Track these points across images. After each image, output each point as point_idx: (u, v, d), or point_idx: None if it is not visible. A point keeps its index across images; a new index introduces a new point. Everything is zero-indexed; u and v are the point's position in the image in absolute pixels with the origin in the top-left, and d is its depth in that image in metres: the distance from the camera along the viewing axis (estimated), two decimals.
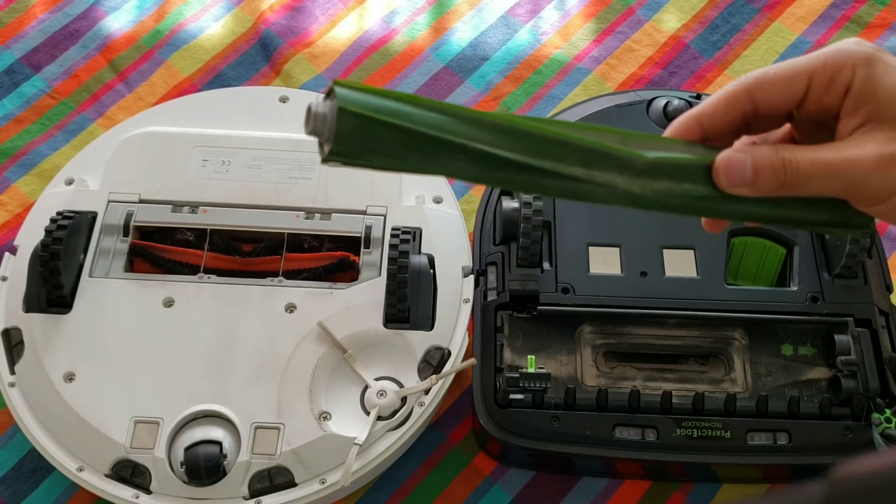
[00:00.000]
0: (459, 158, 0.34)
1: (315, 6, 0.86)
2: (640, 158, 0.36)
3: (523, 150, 0.35)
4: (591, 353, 0.61)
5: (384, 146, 0.33)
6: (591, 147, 0.35)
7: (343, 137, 0.33)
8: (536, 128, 0.35)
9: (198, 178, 0.66)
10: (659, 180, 0.36)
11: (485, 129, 0.34)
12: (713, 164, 0.37)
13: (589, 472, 0.63)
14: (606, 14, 0.85)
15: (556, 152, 0.35)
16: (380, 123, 0.33)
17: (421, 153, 0.34)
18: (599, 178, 0.36)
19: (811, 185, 0.36)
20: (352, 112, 0.32)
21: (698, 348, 0.61)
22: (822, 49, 0.37)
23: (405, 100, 0.34)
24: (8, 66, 0.82)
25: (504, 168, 0.35)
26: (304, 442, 0.57)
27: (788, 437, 0.58)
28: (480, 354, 0.60)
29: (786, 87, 0.37)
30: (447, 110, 0.34)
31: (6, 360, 0.61)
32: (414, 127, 0.33)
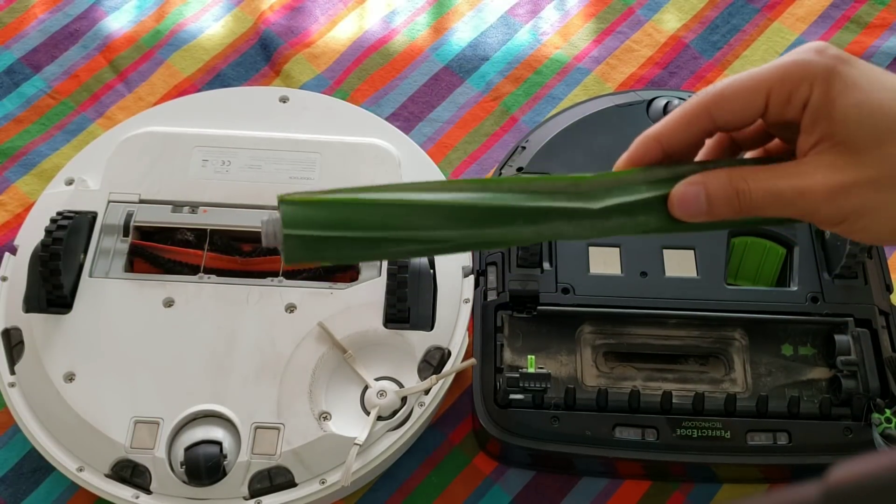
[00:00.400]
0: (409, 245, 0.36)
1: (315, 6, 0.86)
2: (589, 211, 0.37)
3: (470, 225, 0.36)
4: (591, 353, 0.61)
5: (333, 253, 0.36)
6: (540, 209, 0.36)
7: (291, 255, 0.36)
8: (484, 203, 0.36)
9: (198, 178, 0.66)
10: (611, 219, 0.37)
11: (433, 216, 0.36)
12: (668, 197, 0.37)
13: (589, 472, 0.63)
14: (606, 14, 0.85)
15: (505, 219, 0.36)
16: (324, 239, 0.36)
17: (371, 249, 0.36)
18: (548, 233, 0.37)
19: (766, 212, 0.36)
20: (296, 236, 0.35)
21: (698, 348, 0.61)
22: (782, 59, 0.36)
23: (351, 203, 0.36)
24: (8, 66, 0.82)
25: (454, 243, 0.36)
26: (304, 442, 0.57)
27: (788, 437, 0.58)
28: (480, 354, 0.60)
29: (743, 104, 0.36)
30: (394, 203, 0.36)
31: (6, 360, 0.61)
32: (359, 235, 0.36)
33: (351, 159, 0.67)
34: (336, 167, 0.67)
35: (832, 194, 0.35)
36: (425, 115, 0.79)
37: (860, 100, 0.35)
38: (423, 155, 0.70)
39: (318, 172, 0.67)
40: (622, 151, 0.67)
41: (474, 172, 0.76)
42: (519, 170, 0.67)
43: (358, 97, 0.80)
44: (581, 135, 0.69)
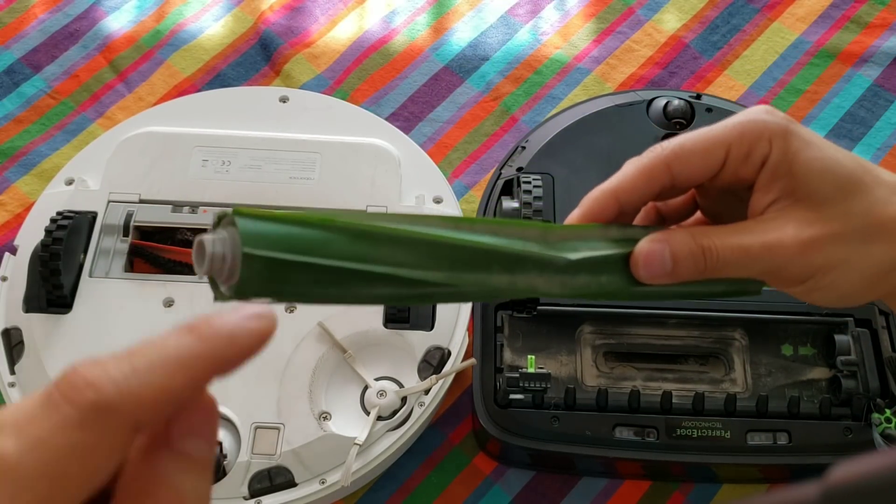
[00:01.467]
0: (379, 285, 0.31)
1: (315, 6, 0.86)
2: (561, 259, 0.35)
3: (449, 267, 0.33)
4: (591, 353, 0.61)
5: (294, 286, 0.29)
6: (515, 253, 0.34)
7: (247, 283, 0.28)
8: (460, 241, 0.33)
9: (198, 178, 0.66)
10: (579, 276, 0.35)
11: (407, 250, 0.32)
12: (631, 256, 0.36)
13: (589, 472, 0.63)
14: (606, 14, 0.85)
15: (481, 263, 0.33)
16: (291, 264, 0.29)
17: (337, 285, 0.30)
18: (522, 284, 0.34)
19: (731, 271, 0.35)
20: (258, 257, 0.28)
21: (698, 348, 0.61)
22: (736, 118, 0.36)
23: (317, 225, 0.30)
24: (8, 66, 0.82)
25: (425, 287, 0.32)
26: (304, 442, 0.57)
27: (788, 437, 0.58)
28: (480, 354, 0.60)
29: (703, 159, 0.36)
30: (366, 231, 0.31)
31: (6, 360, 0.61)
32: (329, 263, 0.30)
33: (351, 159, 0.67)
34: (336, 167, 0.67)
35: (804, 248, 0.34)
36: (425, 115, 0.79)
37: (819, 156, 0.35)
38: (423, 155, 0.70)
39: (318, 172, 0.67)
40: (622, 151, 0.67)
41: (474, 172, 0.76)
42: (519, 169, 0.67)
43: (358, 97, 0.80)
44: (581, 135, 0.69)
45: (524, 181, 0.64)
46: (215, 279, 0.29)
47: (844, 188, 0.35)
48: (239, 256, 0.28)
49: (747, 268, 0.35)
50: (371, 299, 0.32)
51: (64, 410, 0.20)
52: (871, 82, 0.81)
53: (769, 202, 0.35)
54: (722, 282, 0.37)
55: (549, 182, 0.66)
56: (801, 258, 0.34)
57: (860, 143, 0.78)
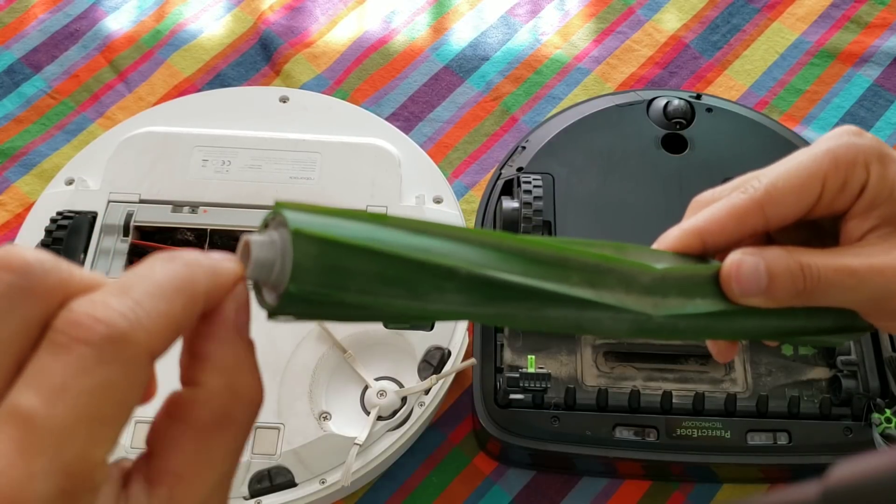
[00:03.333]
0: (450, 288, 0.26)
1: (315, 6, 0.86)
2: (647, 271, 0.31)
3: (522, 272, 0.28)
4: (591, 352, 0.61)
5: (358, 280, 0.25)
6: (594, 262, 0.30)
7: (303, 272, 0.24)
8: (529, 243, 0.29)
9: (198, 178, 0.66)
10: (669, 297, 0.31)
11: (473, 247, 0.27)
12: (721, 272, 0.32)
13: (589, 472, 0.63)
14: (606, 14, 0.85)
15: (558, 272, 0.29)
16: (351, 248, 0.24)
17: (404, 286, 0.26)
18: (609, 299, 0.30)
19: (832, 294, 0.32)
20: (312, 236, 0.24)
21: (698, 348, 0.61)
22: (825, 145, 0.33)
23: (370, 219, 0.26)
24: (8, 66, 0.82)
25: (501, 297, 0.28)
26: (304, 442, 0.57)
27: (788, 437, 0.58)
28: (480, 354, 0.60)
29: (799, 196, 0.33)
30: (423, 229, 0.27)
31: None
32: (394, 250, 0.25)
33: (351, 159, 0.67)
34: (336, 167, 0.67)
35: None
36: (425, 115, 0.79)
37: None
38: (423, 155, 0.70)
39: (318, 172, 0.67)
40: (622, 151, 0.68)
41: (474, 172, 0.76)
42: (519, 169, 0.67)
43: (358, 97, 0.80)
44: (581, 135, 0.69)
45: (524, 181, 0.64)
46: (261, 287, 0.25)
47: None
48: (289, 247, 0.24)
49: (852, 291, 0.32)
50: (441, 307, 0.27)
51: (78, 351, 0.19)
52: (871, 82, 0.81)
53: (867, 229, 0.33)
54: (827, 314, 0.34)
55: (550, 182, 0.66)
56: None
57: None
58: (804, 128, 0.78)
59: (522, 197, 0.63)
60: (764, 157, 0.71)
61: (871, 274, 0.32)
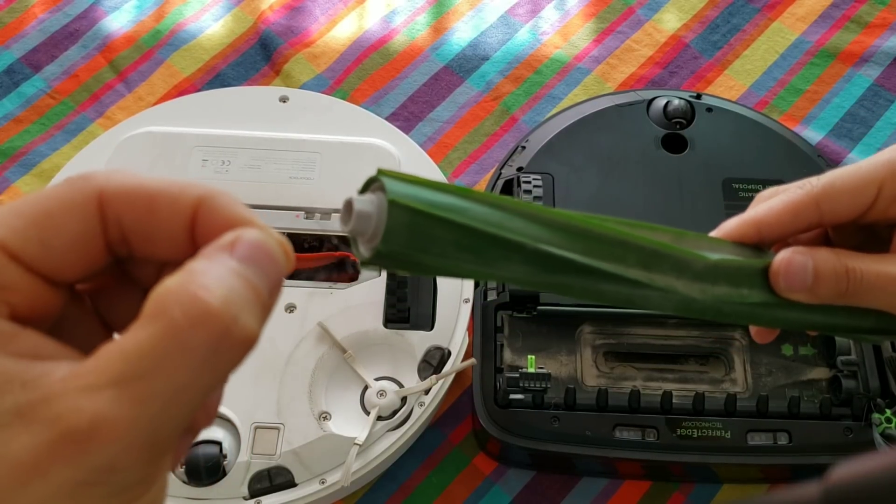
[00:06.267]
0: (516, 259, 0.30)
1: (315, 6, 0.86)
2: (700, 260, 0.33)
3: (583, 251, 0.31)
4: (591, 353, 0.61)
5: (437, 245, 0.29)
6: (651, 248, 0.33)
7: (394, 235, 0.28)
8: (594, 225, 0.32)
9: (197, 177, 0.66)
10: (718, 285, 0.34)
11: (543, 226, 0.31)
12: (771, 266, 0.35)
13: (589, 472, 0.63)
14: (606, 14, 0.85)
15: (616, 253, 0.32)
16: (435, 219, 0.29)
17: (476, 253, 0.30)
18: (659, 282, 0.33)
19: (871, 298, 0.34)
20: (405, 206, 0.28)
21: (698, 348, 0.61)
22: (889, 155, 0.35)
23: (457, 192, 0.30)
24: (8, 66, 0.82)
25: (561, 271, 0.31)
26: (304, 442, 0.57)
27: (789, 437, 0.58)
28: (480, 354, 0.60)
29: (854, 197, 0.35)
30: (502, 205, 0.30)
31: None
32: (471, 223, 0.29)
33: (351, 159, 0.67)
34: (336, 167, 0.67)
35: None
36: (425, 114, 0.79)
37: None
38: (423, 155, 0.70)
39: (317, 172, 0.67)
40: (622, 151, 0.68)
41: (474, 172, 0.76)
42: (519, 169, 0.67)
43: (358, 97, 0.80)
44: (581, 135, 0.69)
45: (524, 181, 0.64)
46: (357, 240, 0.29)
47: None
48: (385, 212, 0.28)
49: (891, 296, 0.34)
50: (507, 274, 0.31)
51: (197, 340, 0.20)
52: (872, 82, 0.81)
53: None
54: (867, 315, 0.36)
55: (549, 182, 0.66)
56: None
57: (860, 143, 0.78)
58: (804, 128, 0.78)
59: (522, 197, 0.63)
60: (764, 157, 0.72)
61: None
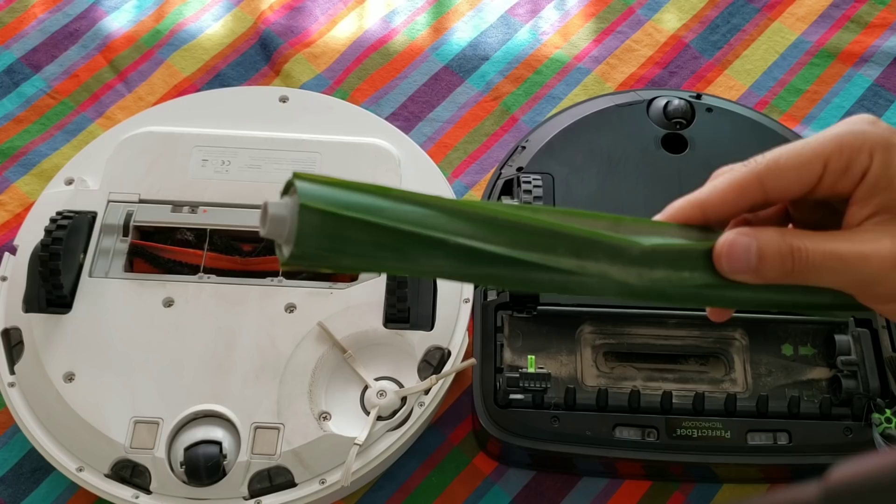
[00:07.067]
0: (438, 255, 0.30)
1: (315, 6, 0.86)
2: (635, 246, 0.33)
3: (509, 243, 0.31)
4: (591, 353, 0.61)
5: (354, 246, 0.29)
6: (583, 236, 0.32)
7: (305, 238, 0.29)
8: (522, 217, 0.32)
9: (198, 178, 0.66)
10: (656, 269, 0.33)
11: (464, 221, 0.31)
12: (714, 249, 0.34)
13: (589, 472, 0.63)
14: (606, 14, 0.85)
15: (545, 243, 0.32)
16: (348, 220, 0.29)
17: (396, 251, 0.30)
18: (592, 269, 0.32)
19: (819, 277, 0.34)
20: (315, 209, 0.28)
21: (698, 348, 0.61)
22: (835, 130, 0.35)
23: (375, 192, 0.30)
24: (8, 66, 0.82)
25: (488, 263, 0.31)
26: (304, 442, 0.57)
27: (789, 437, 0.58)
28: (480, 354, 0.60)
29: (799, 173, 0.34)
30: (423, 202, 0.31)
31: (6, 360, 0.61)
32: (387, 223, 0.30)
33: (351, 159, 0.67)
34: (336, 167, 0.67)
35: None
36: (425, 114, 0.79)
37: None
38: (423, 155, 0.70)
39: (318, 172, 0.67)
40: (622, 151, 0.68)
41: (474, 172, 0.76)
42: (519, 169, 0.67)
43: (358, 97, 0.80)
44: (581, 135, 0.69)
45: (524, 181, 0.64)
46: (278, 242, 0.30)
47: None
48: (296, 211, 0.28)
49: (838, 275, 0.34)
50: (432, 270, 0.31)
51: None
52: (872, 82, 0.81)
53: (866, 216, 0.34)
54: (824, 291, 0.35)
55: (549, 182, 0.66)
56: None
57: None
58: (804, 128, 0.78)
59: (522, 197, 0.63)
60: None
61: (857, 260, 0.33)
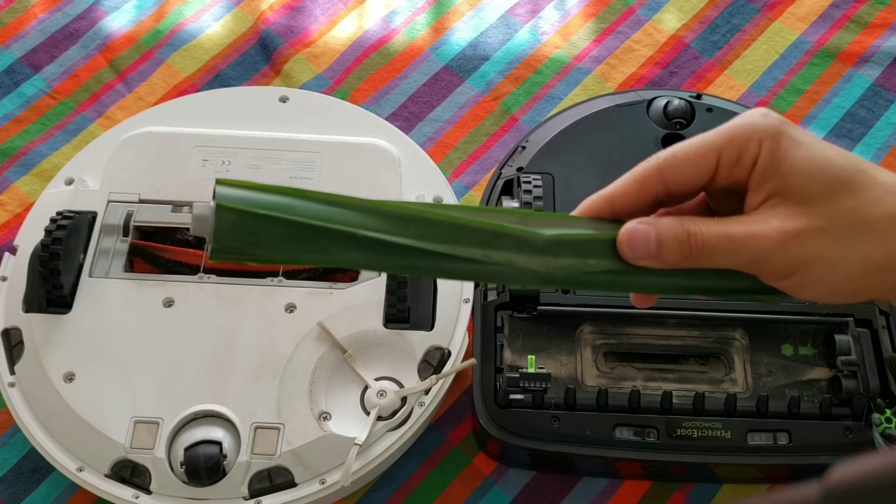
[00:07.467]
0: (350, 246, 0.34)
1: (315, 6, 0.86)
2: (539, 237, 0.36)
3: (416, 235, 0.34)
4: (591, 353, 0.61)
5: (267, 239, 0.33)
6: (488, 228, 0.35)
7: (222, 233, 0.33)
8: (430, 213, 0.35)
9: (198, 178, 0.66)
10: (562, 257, 0.36)
11: (373, 217, 0.34)
12: (617, 236, 0.37)
13: (589, 472, 0.63)
14: (606, 14, 0.85)
15: (451, 235, 0.35)
16: (260, 217, 0.33)
17: (307, 243, 0.34)
18: (498, 258, 0.35)
19: (716, 259, 0.36)
20: (230, 208, 0.33)
21: (698, 348, 0.61)
22: (729, 123, 0.37)
23: (290, 193, 0.34)
24: (8, 66, 0.82)
25: (398, 254, 0.34)
26: (304, 442, 0.57)
27: (789, 437, 0.58)
28: (480, 354, 0.60)
29: (694, 166, 0.37)
30: (335, 201, 0.34)
31: (6, 360, 0.61)
32: (296, 218, 0.33)
33: (351, 159, 0.67)
34: (336, 167, 0.67)
35: (785, 240, 0.35)
36: (425, 114, 0.79)
37: (808, 155, 0.35)
38: (423, 155, 0.70)
39: (317, 172, 0.67)
40: (622, 151, 0.68)
41: (474, 172, 0.76)
42: (519, 169, 0.67)
43: (358, 97, 0.80)
44: (581, 135, 0.69)
45: (524, 181, 0.64)
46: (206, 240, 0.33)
47: (833, 186, 0.35)
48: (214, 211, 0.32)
49: (731, 256, 0.36)
50: (346, 260, 0.35)
51: None
52: (872, 82, 0.81)
53: (761, 200, 0.36)
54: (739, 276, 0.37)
55: (549, 182, 0.66)
56: (784, 249, 0.35)
57: (860, 143, 0.78)
58: (804, 128, 0.78)
59: (522, 197, 0.63)
60: None
61: (747, 240, 0.35)
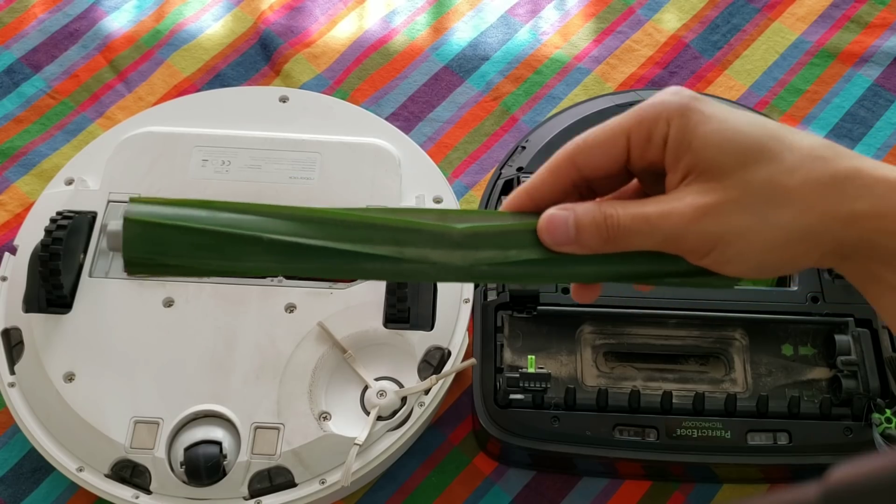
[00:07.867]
0: (258, 251, 0.34)
1: (315, 6, 0.86)
2: (454, 230, 0.35)
3: (324, 236, 0.34)
4: (591, 353, 0.61)
5: (175, 248, 0.34)
6: (400, 225, 0.35)
7: (130, 245, 0.34)
8: (340, 214, 0.35)
9: (198, 178, 0.66)
10: (482, 250, 0.35)
11: (280, 220, 0.35)
12: (537, 224, 0.36)
13: (589, 472, 0.63)
14: (606, 14, 0.85)
15: (361, 234, 0.35)
16: (166, 227, 0.34)
17: (215, 251, 0.34)
18: (412, 255, 0.35)
19: (634, 240, 0.35)
20: (137, 221, 0.34)
21: (698, 348, 0.61)
22: (640, 104, 0.37)
23: (197, 205, 0.35)
24: (8, 66, 0.82)
25: (310, 255, 0.35)
26: (304, 442, 0.57)
27: (789, 437, 0.58)
28: (480, 354, 0.60)
29: (604, 150, 0.36)
30: (241, 209, 0.35)
31: (6, 360, 0.61)
32: (202, 226, 0.34)
33: (351, 159, 0.67)
34: (336, 167, 0.67)
35: (697, 215, 0.34)
36: (425, 114, 0.79)
37: (719, 128, 0.35)
38: (423, 155, 0.70)
39: (318, 172, 0.67)
40: None
41: (474, 172, 0.76)
42: (519, 169, 0.67)
43: (358, 97, 0.80)
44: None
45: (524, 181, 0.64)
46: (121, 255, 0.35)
47: (745, 157, 0.34)
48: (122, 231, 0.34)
49: (648, 236, 0.35)
50: (256, 266, 0.35)
51: None
52: (872, 82, 0.81)
53: (679, 180, 0.36)
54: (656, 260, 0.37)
55: None
56: (697, 225, 0.34)
57: (860, 142, 0.78)
58: (804, 128, 0.78)
59: None
60: None
61: (660, 219, 0.35)
